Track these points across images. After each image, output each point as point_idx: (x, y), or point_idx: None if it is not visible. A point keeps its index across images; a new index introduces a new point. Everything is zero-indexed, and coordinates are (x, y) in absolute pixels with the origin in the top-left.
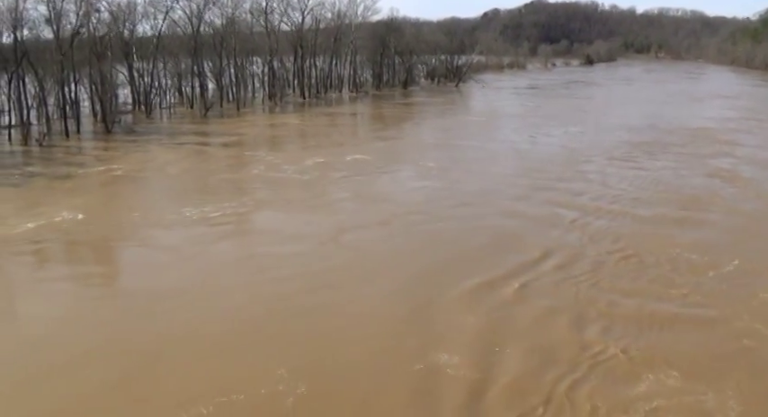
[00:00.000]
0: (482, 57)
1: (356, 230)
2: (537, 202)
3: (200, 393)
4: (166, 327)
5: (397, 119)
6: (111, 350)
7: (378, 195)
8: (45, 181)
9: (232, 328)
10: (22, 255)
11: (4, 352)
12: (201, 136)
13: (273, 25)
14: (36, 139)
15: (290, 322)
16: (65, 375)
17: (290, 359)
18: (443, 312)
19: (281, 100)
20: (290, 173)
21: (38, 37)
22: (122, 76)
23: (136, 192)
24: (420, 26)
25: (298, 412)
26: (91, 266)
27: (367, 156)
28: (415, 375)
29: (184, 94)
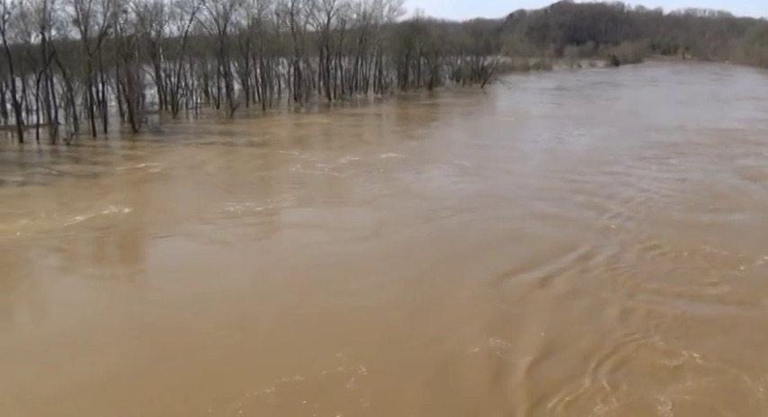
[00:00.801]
0: (508, 59)
1: (398, 225)
2: (570, 200)
3: (261, 375)
4: (226, 314)
5: (425, 120)
6: (175, 338)
7: (416, 192)
8: (81, 178)
9: (285, 315)
10: (84, 243)
11: (122, 328)
12: (230, 135)
13: (299, 26)
14: (63, 138)
15: (340, 309)
16: (150, 354)
17: (346, 344)
18: (486, 300)
19: (306, 100)
20: (327, 171)
21: (66, 37)
22: (149, 77)
23: (177, 189)
24: (445, 27)
25: (361, 391)
26: (149, 255)
27: (400, 155)
28: (474, 357)
29: (210, 95)
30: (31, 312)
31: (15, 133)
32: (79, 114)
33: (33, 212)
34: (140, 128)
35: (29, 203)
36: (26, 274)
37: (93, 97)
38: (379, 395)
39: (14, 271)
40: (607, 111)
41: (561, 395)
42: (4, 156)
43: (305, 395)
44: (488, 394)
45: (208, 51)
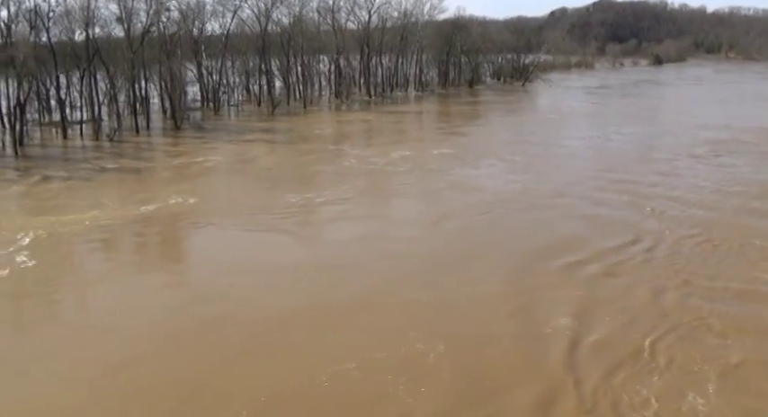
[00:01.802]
0: (549, 57)
1: (458, 217)
2: (622, 195)
3: (342, 353)
4: (302, 298)
5: (470, 117)
6: (258, 319)
7: (473, 186)
8: (136, 172)
9: (357, 299)
10: (162, 228)
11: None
12: (274, 132)
13: (340, 24)
14: (107, 135)
15: (409, 293)
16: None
17: (419, 324)
18: (549, 285)
19: (347, 98)
20: (382, 165)
21: (109, 35)
22: (191, 74)
23: (235, 181)
24: (486, 25)
25: (442, 366)
26: (223, 241)
27: (451, 151)
28: (546, 335)
29: (252, 92)
30: (139, 283)
31: (60, 129)
32: (122, 111)
33: (101, 203)
34: (182, 124)
35: (93, 195)
36: (125, 253)
37: (135, 94)
38: (459, 370)
39: (110, 251)
40: (652, 110)
41: (624, 369)
42: (53, 152)
43: (388, 371)
44: (561, 368)
45: (249, 49)
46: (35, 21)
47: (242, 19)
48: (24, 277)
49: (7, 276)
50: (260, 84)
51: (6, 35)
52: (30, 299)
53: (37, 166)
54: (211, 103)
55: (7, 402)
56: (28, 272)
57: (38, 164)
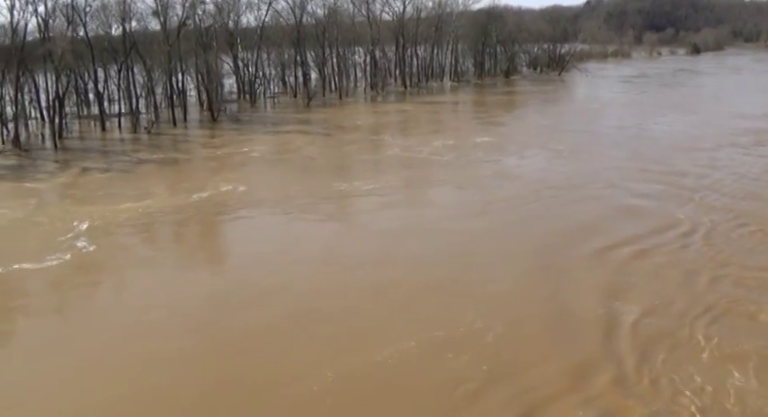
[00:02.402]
0: (585, 46)
1: (506, 203)
2: (665, 184)
3: (401, 332)
4: (359, 281)
5: (508, 107)
6: (318, 301)
7: (518, 174)
8: (182, 162)
9: (412, 282)
10: (219, 213)
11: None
12: (312, 124)
13: (375, 15)
14: (144, 127)
15: (462, 276)
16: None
17: (475, 306)
18: (596, 268)
19: (382, 89)
20: (426, 154)
21: (146, 28)
22: (227, 66)
23: (281, 171)
24: (522, 14)
25: (500, 345)
26: (279, 225)
27: (493, 139)
28: (594, 316)
29: (288, 84)
30: (215, 259)
31: (98, 122)
32: (159, 103)
33: (151, 193)
34: (219, 116)
35: (141, 185)
36: (183, 238)
37: (172, 87)
38: (518, 349)
39: (168, 237)
40: (691, 99)
41: (664, 347)
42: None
43: (448, 349)
44: (608, 345)
45: (285, 41)
46: (72, 15)
47: (277, 11)
48: (87, 260)
49: (70, 259)
50: (295, 76)
51: (44, 30)
52: (94, 281)
53: (77, 158)
54: (247, 95)
55: (81, 371)
56: (90, 256)
57: (77, 156)
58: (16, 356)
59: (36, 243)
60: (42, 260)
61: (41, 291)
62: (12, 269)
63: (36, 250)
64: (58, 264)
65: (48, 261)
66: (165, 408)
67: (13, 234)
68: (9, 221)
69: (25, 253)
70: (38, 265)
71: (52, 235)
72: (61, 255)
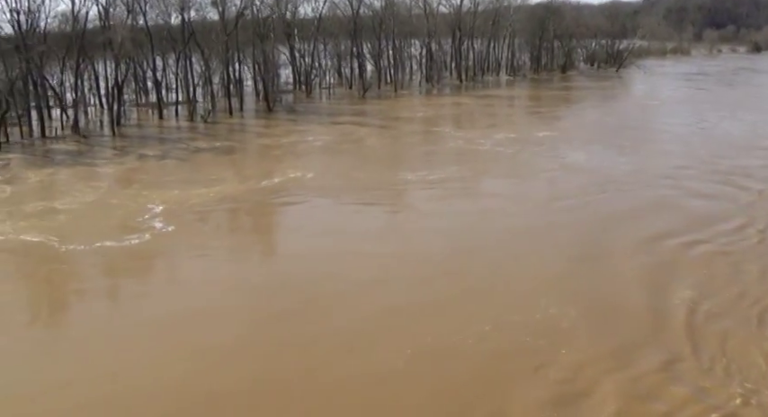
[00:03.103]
0: (644, 42)
1: (574, 196)
2: (730, 179)
3: (477, 316)
4: (436, 266)
5: (566, 102)
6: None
7: (583, 167)
8: (246, 150)
9: (486, 268)
10: (289, 200)
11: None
12: (369, 115)
13: (432, 7)
14: (201, 116)
15: (535, 263)
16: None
17: (547, 293)
18: (665, 261)
19: (438, 82)
20: (489, 147)
21: (204, 18)
22: (284, 57)
23: (345, 159)
24: (580, 9)
25: (576, 330)
26: (352, 211)
27: (555, 134)
28: (670, 306)
29: (343, 75)
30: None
31: (156, 110)
32: (216, 93)
33: (222, 178)
34: (275, 106)
35: (212, 171)
36: (257, 220)
37: (229, 76)
38: (594, 334)
39: (243, 219)
40: (753, 98)
41: (715, 332)
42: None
43: (525, 333)
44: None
45: (341, 32)
46: (132, 4)
47: (334, 2)
48: (167, 240)
49: (150, 239)
50: (351, 68)
51: (105, 18)
52: (174, 260)
53: (135, 145)
54: (303, 86)
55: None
56: (169, 236)
57: (136, 143)
58: (99, 326)
59: (115, 223)
60: (122, 239)
61: (124, 267)
62: (94, 246)
63: (116, 229)
64: (139, 243)
65: (128, 240)
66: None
67: (90, 215)
68: (83, 204)
69: (106, 233)
70: (119, 243)
71: (129, 217)
72: (141, 235)
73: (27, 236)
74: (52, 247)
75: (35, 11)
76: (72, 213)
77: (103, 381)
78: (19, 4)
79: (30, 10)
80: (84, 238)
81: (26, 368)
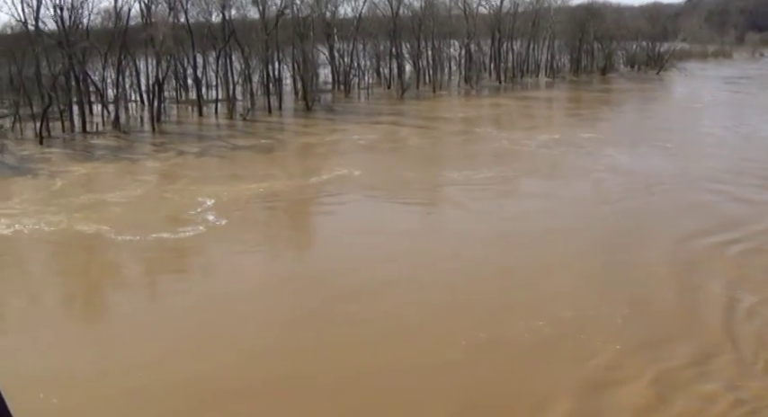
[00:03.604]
0: (685, 45)
1: (621, 196)
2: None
3: (531, 311)
4: (487, 262)
5: (608, 104)
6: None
7: (629, 169)
8: (288, 148)
9: (536, 266)
10: (339, 196)
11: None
12: (408, 115)
13: (471, 8)
14: (240, 114)
15: (584, 261)
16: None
17: (596, 289)
18: (709, 259)
19: (476, 83)
20: (534, 147)
21: (245, 17)
22: (323, 56)
23: (389, 158)
24: (621, 11)
25: (629, 327)
26: (401, 208)
27: (598, 135)
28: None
29: (382, 75)
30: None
31: (195, 107)
32: (256, 91)
33: (270, 175)
34: (313, 106)
35: (258, 167)
36: (310, 215)
37: (269, 75)
38: (648, 332)
39: (296, 213)
40: None
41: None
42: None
43: (578, 329)
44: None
45: (380, 32)
46: (174, 2)
47: (374, 2)
48: (221, 233)
49: (204, 231)
50: (390, 68)
51: (146, 15)
52: (230, 250)
53: (178, 141)
54: (342, 86)
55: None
56: (222, 229)
57: (178, 139)
58: (162, 312)
59: (167, 216)
60: (177, 231)
61: (179, 258)
62: (150, 237)
63: (169, 222)
64: (194, 235)
65: (183, 232)
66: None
67: (141, 208)
68: (132, 197)
69: (160, 225)
70: (174, 235)
71: (181, 210)
72: (195, 227)
73: (82, 227)
74: (108, 238)
75: (78, 7)
76: (123, 206)
77: (148, 369)
78: (62, 1)
79: (73, 6)
80: (139, 230)
81: (84, 352)
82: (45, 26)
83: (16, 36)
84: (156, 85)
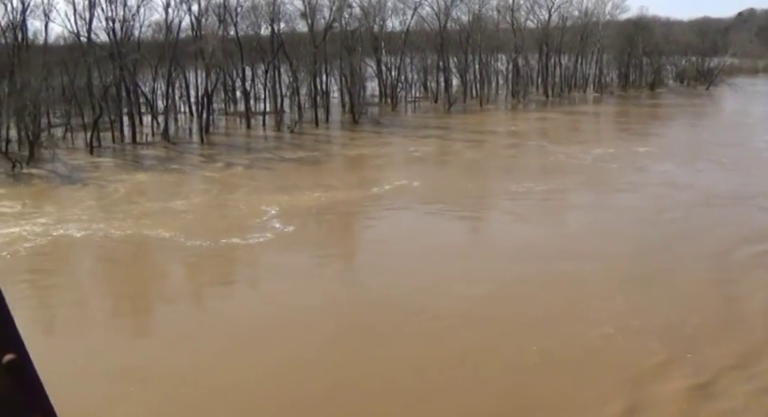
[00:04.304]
0: (735, 60)
1: (680, 210)
2: None
3: (598, 320)
4: (556, 272)
5: (658, 119)
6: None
7: (686, 183)
8: (343, 159)
9: (603, 274)
10: (402, 205)
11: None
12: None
13: (519, 22)
14: (288, 126)
15: (650, 270)
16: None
17: (663, 298)
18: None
19: (523, 97)
20: (591, 161)
21: (293, 30)
22: (371, 69)
23: (447, 170)
24: (670, 25)
25: (701, 337)
26: (467, 218)
27: (653, 150)
28: None
29: (429, 89)
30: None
31: (243, 119)
32: (303, 104)
33: (330, 185)
34: (360, 119)
35: (316, 178)
36: (376, 223)
37: (316, 88)
38: (720, 340)
39: (362, 221)
40: None
41: None
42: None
43: (649, 338)
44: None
45: (428, 46)
46: (224, 15)
47: (422, 16)
48: (290, 239)
49: (273, 238)
50: (437, 81)
51: (197, 28)
52: (300, 255)
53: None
54: (389, 99)
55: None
56: (290, 236)
57: (227, 150)
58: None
59: (233, 223)
60: (246, 237)
61: (250, 262)
62: (221, 243)
63: (238, 229)
64: (264, 241)
65: (252, 238)
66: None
67: (206, 215)
68: (195, 205)
69: (228, 231)
70: (244, 241)
71: (246, 217)
72: (263, 234)
73: (151, 232)
74: (179, 242)
75: (130, 20)
76: (188, 213)
77: (213, 370)
78: (114, 13)
79: (125, 19)
80: (208, 235)
81: (171, 348)
82: (97, 38)
83: (69, 47)
84: (205, 97)
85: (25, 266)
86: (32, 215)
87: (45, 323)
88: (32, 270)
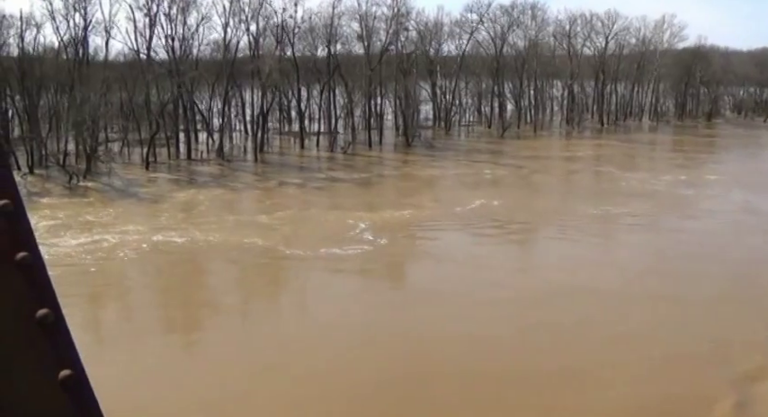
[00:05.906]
0: None
1: (756, 234)
2: None
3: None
4: (632, 288)
5: (720, 148)
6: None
7: (761, 209)
8: (412, 180)
9: (697, 292)
10: (489, 222)
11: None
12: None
13: (576, 49)
14: (341, 147)
15: (726, 293)
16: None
17: (734, 317)
18: None
19: (578, 124)
20: (663, 187)
21: (349, 52)
22: (425, 93)
23: (520, 192)
24: (729, 55)
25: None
26: (550, 238)
27: (724, 178)
28: None
29: (483, 113)
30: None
31: (297, 139)
32: (357, 125)
33: (408, 203)
34: (413, 141)
35: (392, 196)
36: (466, 238)
37: (371, 110)
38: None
39: (450, 236)
40: None
41: None
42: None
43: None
44: None
45: (483, 71)
46: (281, 36)
47: (478, 41)
48: (387, 251)
49: (371, 249)
50: (491, 106)
51: (254, 48)
52: (404, 266)
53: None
54: (443, 122)
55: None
56: (387, 248)
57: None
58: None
59: (327, 236)
60: (344, 248)
61: (363, 268)
62: (319, 252)
63: (333, 241)
64: (363, 252)
65: (350, 249)
66: None
67: (297, 228)
68: (282, 219)
69: (325, 242)
70: (344, 251)
71: (338, 231)
72: (360, 246)
73: (249, 240)
74: (280, 251)
75: (189, 38)
76: (277, 226)
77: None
78: (174, 32)
79: (184, 37)
80: (307, 245)
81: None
82: (156, 55)
83: (129, 64)
84: (261, 116)
85: (161, 265)
86: (114, 225)
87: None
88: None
